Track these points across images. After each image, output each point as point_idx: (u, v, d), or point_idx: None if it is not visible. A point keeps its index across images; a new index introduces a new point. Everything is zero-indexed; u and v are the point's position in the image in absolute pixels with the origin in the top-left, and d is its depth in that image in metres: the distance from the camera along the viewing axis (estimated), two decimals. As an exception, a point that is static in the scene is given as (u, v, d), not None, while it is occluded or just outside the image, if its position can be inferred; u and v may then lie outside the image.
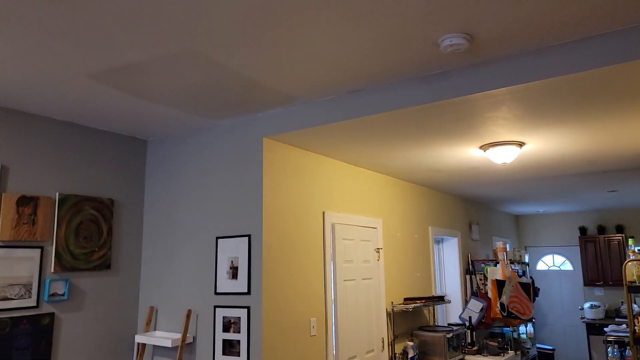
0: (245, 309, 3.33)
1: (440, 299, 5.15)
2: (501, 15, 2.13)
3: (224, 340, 3.40)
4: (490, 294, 5.92)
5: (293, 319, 3.52)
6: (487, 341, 5.44)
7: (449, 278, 6.52)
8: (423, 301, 4.90)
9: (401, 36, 2.30)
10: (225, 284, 3.47)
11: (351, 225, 4.30)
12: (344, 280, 4.09)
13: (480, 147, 3.90)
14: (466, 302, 6.04)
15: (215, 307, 3.49)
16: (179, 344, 3.48)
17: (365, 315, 4.33)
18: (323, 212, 3.97)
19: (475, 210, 7.55)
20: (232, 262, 3.46)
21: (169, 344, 3.44)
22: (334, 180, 4.17)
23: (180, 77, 2.77)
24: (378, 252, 4.65)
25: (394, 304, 4.75)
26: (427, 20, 2.15)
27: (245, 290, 3.35)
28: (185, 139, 3.92)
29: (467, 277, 6.67)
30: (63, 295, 3.44)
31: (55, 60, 2.53)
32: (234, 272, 3.44)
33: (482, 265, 6.80)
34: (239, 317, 3.35)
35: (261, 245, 3.33)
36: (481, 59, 2.58)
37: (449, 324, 5.72)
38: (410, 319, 5.11)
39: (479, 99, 2.71)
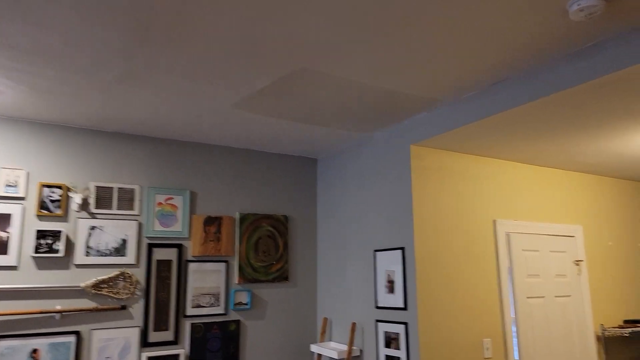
0: (403, 325, 3.19)
1: (678, 324, 4.06)
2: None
3: (387, 357, 3.32)
4: None
5: (460, 338, 3.22)
6: None
7: (703, 297, 5.10)
8: (649, 325, 3.95)
9: (524, 10, 1.94)
10: (384, 298, 3.39)
11: (534, 234, 3.75)
12: (527, 298, 3.58)
13: (701, 128, 3.00)
14: None
15: (376, 321, 3.44)
16: (345, 356, 3.53)
17: (563, 339, 3.70)
18: (494, 221, 3.56)
19: None
20: (388, 275, 3.37)
21: (335, 355, 3.52)
22: (506, 184, 3.71)
23: (307, 95, 2.86)
24: (578, 264, 3.94)
25: (604, 327, 3.94)
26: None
27: (402, 306, 3.22)
28: (345, 154, 4.01)
29: None
30: (247, 304, 3.84)
31: (202, 96, 2.90)
32: (391, 286, 3.34)
33: None
34: (398, 333, 3.23)
35: (414, 258, 3.16)
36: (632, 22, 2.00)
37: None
38: (638, 346, 4.15)
39: (651, 69, 2.10)
